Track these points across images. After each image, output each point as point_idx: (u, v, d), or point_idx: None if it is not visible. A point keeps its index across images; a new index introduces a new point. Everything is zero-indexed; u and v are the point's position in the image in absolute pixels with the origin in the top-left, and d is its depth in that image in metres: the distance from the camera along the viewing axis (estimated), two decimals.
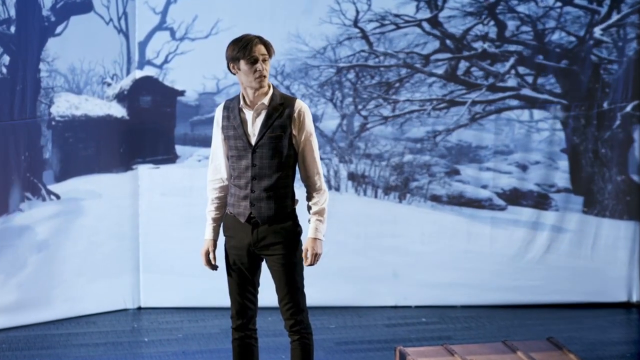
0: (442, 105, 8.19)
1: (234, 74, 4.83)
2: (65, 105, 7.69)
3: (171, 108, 8.14)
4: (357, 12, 8.05)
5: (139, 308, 8.03)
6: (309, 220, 4.90)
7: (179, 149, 8.21)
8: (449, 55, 8.13)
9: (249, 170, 4.80)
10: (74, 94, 7.74)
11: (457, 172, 8.33)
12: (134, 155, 8.02)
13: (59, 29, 7.57)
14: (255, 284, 5.01)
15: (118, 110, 7.94)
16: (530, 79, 8.23)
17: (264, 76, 4.73)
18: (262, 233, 4.83)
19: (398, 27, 8.09)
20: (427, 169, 8.27)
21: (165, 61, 8.05)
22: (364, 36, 8.08)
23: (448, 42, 8.10)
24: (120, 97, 7.94)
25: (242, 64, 4.74)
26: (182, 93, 8.09)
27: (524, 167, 8.34)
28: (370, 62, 8.13)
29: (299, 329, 4.92)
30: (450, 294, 8.16)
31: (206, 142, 8.09)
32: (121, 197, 8.00)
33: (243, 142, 4.80)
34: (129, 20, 7.90)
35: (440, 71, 8.15)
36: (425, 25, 8.08)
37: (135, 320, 7.78)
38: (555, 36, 8.20)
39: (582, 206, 8.32)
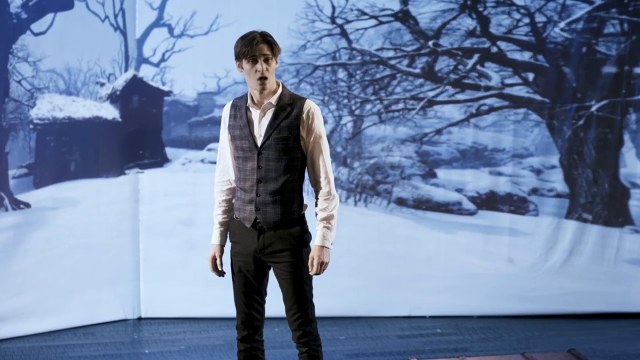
0: (421, 105, 8.21)
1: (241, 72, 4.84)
2: (47, 107, 7.66)
3: (166, 108, 8.14)
4: (334, 7, 8.06)
5: (140, 318, 8.04)
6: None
7: (175, 151, 8.21)
8: (425, 52, 8.17)
9: (254, 173, 4.80)
10: (61, 95, 7.72)
11: (433, 175, 8.35)
12: (125, 158, 8.01)
13: (41, 28, 7.52)
14: (262, 293, 5.01)
15: (110, 112, 7.94)
16: (512, 78, 8.24)
17: (265, 77, 4.73)
18: (269, 239, 4.83)
19: (380, 22, 8.11)
20: (404, 173, 8.30)
21: (163, 59, 8.06)
22: (343, 32, 8.10)
23: (424, 38, 8.13)
24: (113, 98, 7.95)
25: (244, 63, 4.75)
26: (168, 93, 8.09)
27: (538, 171, 8.36)
28: (347, 60, 8.16)
29: (307, 341, 4.93)
30: (466, 303, 8.17)
31: (202, 145, 8.13)
32: (115, 202, 8.01)
33: (249, 142, 4.80)
34: (127, 17, 7.90)
35: (417, 69, 8.16)
36: (404, 20, 8.11)
37: (135, 331, 7.79)
38: (543, 32, 8.23)
39: (576, 212, 8.34)
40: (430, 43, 8.08)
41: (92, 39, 7.77)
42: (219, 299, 7.57)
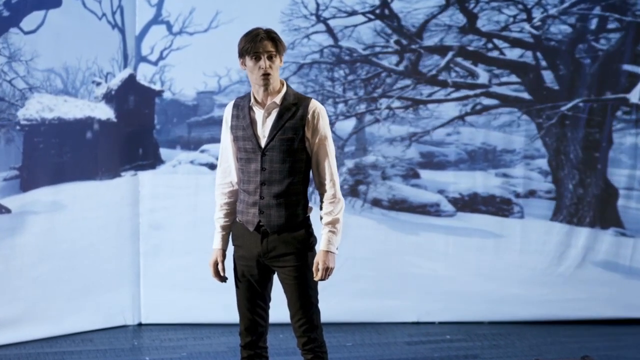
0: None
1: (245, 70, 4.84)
2: (36, 108, 7.64)
3: (165, 108, 8.15)
4: (318, 4, 8.08)
5: (140, 324, 8.06)
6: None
7: (172, 152, 8.22)
8: (409, 49, 8.20)
9: (258, 175, 4.79)
10: (58, 95, 7.73)
11: (417, 176, 8.36)
12: (120, 160, 8.02)
13: (31, 26, 7.51)
14: (265, 298, 5.01)
15: (104, 112, 7.93)
16: (497, 76, 8.26)
17: (268, 74, 4.73)
18: (272, 243, 4.82)
19: (369, 19, 8.15)
20: (392, 173, 8.32)
21: (161, 57, 8.07)
22: (328, 30, 8.13)
23: (402, 35, 8.15)
24: (108, 98, 7.95)
25: (248, 60, 4.75)
26: (160, 93, 8.10)
27: (546, 173, 8.37)
28: (332, 58, 8.19)
29: (312, 347, 4.92)
30: (476, 309, 8.17)
31: (201, 146, 8.14)
32: (112, 205, 8.04)
33: (252, 143, 4.80)
34: (126, 15, 7.91)
35: (400, 67, 8.19)
36: (387, 18, 8.14)
37: (135, 337, 7.79)
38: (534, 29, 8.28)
39: (561, 214, 8.36)
40: (392, 41, 8.10)
41: (89, 38, 7.78)
42: (222, 305, 7.56)
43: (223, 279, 5.03)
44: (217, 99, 8.23)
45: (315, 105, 4.82)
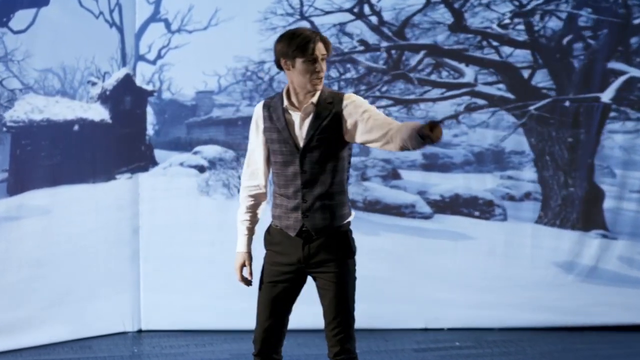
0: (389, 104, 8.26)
1: (282, 70, 4.74)
2: (24, 109, 7.59)
3: (163, 109, 8.12)
4: (302, 2, 8.08)
5: (140, 331, 8.01)
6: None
7: (169, 154, 8.17)
8: (390, 46, 8.23)
9: (297, 178, 4.71)
10: (55, 96, 7.69)
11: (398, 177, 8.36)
12: (114, 162, 7.97)
13: (20, 26, 7.45)
14: (290, 307, 4.92)
15: (99, 113, 7.89)
16: (483, 74, 8.28)
17: (321, 78, 4.66)
18: (315, 249, 4.75)
19: (357, 18, 8.17)
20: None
21: (160, 56, 8.04)
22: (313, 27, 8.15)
23: (379, 33, 8.18)
24: (103, 98, 7.89)
25: (299, 62, 4.65)
26: (152, 93, 8.07)
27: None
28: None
29: (344, 358, 4.86)
30: (486, 315, 8.16)
31: (190, 147, 8.10)
32: (109, 207, 8.00)
33: (289, 146, 4.72)
34: (124, 13, 7.87)
35: (383, 65, 8.22)
36: (368, 16, 8.19)
37: (135, 344, 7.74)
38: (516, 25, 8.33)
39: (546, 216, 8.39)
40: (355, 40, 8.12)
41: (87, 37, 7.77)
42: (225, 311, 7.55)
43: (249, 283, 4.95)
44: (216, 98, 8.21)
45: (348, 95, 4.72)
